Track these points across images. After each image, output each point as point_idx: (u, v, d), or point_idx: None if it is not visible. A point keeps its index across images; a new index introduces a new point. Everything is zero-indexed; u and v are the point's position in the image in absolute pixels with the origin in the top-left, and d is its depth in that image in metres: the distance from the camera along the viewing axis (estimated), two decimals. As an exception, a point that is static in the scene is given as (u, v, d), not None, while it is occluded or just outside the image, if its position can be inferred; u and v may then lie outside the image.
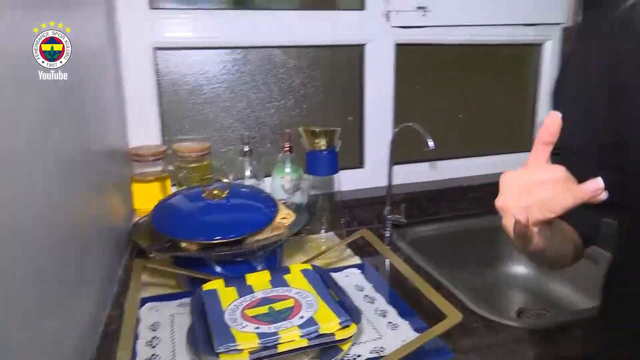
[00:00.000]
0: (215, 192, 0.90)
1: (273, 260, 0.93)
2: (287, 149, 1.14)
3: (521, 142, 1.52)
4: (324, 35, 1.23)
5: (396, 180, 1.32)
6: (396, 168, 1.33)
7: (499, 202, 0.50)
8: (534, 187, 0.48)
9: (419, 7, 1.23)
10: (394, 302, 0.83)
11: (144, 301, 0.85)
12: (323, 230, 1.12)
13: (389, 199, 1.26)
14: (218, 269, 0.87)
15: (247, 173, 1.14)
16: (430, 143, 1.11)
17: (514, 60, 1.48)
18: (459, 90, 1.44)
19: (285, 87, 1.26)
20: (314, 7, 1.25)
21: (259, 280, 0.79)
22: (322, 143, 1.05)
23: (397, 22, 1.24)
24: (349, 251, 1.10)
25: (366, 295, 0.86)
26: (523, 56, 1.48)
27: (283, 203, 0.98)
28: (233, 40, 1.18)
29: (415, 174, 1.39)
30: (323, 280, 0.79)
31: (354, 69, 1.31)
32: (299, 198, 1.15)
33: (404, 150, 1.30)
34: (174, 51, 1.16)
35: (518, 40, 1.41)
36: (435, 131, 1.13)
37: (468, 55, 1.41)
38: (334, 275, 0.89)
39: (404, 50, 1.31)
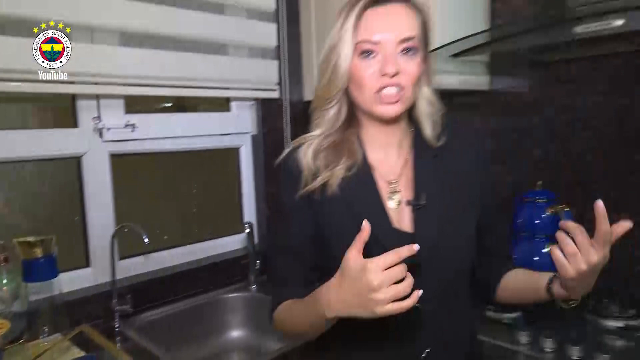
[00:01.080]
0: None
1: (-12, 372, 0.96)
2: (2, 260, 1.18)
3: (234, 226, 1.84)
4: (40, 150, 1.34)
5: (125, 274, 1.47)
6: (125, 262, 1.49)
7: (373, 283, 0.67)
8: (392, 271, 0.67)
9: (128, 125, 1.46)
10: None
11: None
12: (46, 334, 1.18)
13: (114, 292, 1.39)
14: None
15: (-45, 290, 1.13)
16: (146, 240, 1.31)
17: (220, 161, 1.83)
18: (180, 187, 1.70)
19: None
20: (32, 127, 1.37)
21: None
22: (38, 251, 1.14)
23: (109, 137, 1.44)
24: (75, 349, 1.18)
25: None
26: (226, 157, 1.84)
27: (-2, 314, 1.02)
28: None
29: (143, 265, 1.56)
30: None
31: (72, 177, 1.44)
32: (18, 306, 1.19)
33: (133, 244, 1.45)
34: None
35: (218, 146, 1.76)
36: (160, 225, 1.33)
37: (183, 158, 1.69)
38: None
39: (121, 159, 1.50)
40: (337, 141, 0.87)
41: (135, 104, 1.54)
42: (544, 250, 1.44)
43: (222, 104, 1.80)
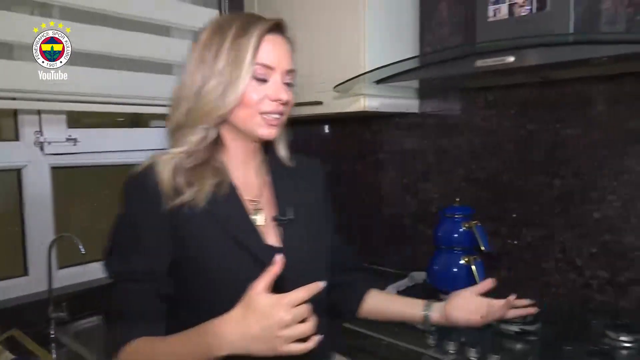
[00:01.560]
0: None
1: None
2: (-64, 268, 1.22)
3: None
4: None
5: (64, 282, 1.52)
6: (64, 271, 1.53)
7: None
8: (300, 309, 0.68)
9: (69, 139, 1.52)
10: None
11: None
12: (-23, 340, 1.22)
13: (51, 300, 1.43)
14: None
15: None
16: (82, 250, 1.37)
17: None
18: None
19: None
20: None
21: None
22: (-29, 259, 1.19)
23: (50, 151, 1.50)
24: (6, 353, 1.22)
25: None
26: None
27: None
28: None
29: (81, 274, 1.61)
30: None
31: (13, 188, 1.49)
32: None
33: (73, 254, 1.49)
34: None
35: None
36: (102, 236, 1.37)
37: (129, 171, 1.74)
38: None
39: (66, 171, 1.56)
40: (201, 160, 0.84)
41: (87, 118, 1.60)
42: (460, 262, 1.57)
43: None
